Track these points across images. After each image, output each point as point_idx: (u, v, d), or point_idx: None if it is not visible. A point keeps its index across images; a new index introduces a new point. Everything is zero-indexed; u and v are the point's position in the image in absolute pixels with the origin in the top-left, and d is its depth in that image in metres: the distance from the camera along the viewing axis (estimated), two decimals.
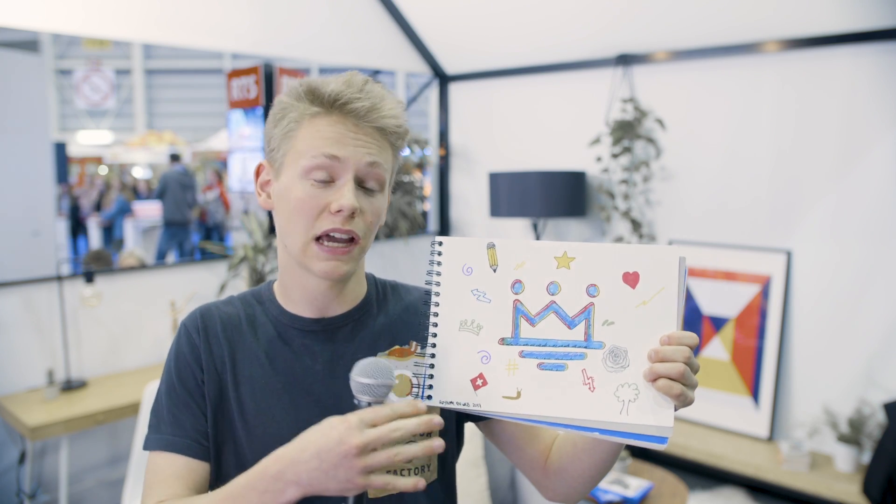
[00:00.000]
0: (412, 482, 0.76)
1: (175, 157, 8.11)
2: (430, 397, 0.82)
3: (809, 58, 2.79)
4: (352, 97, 0.87)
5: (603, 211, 3.35)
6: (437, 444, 0.76)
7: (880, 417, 2.62)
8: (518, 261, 0.83)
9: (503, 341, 0.82)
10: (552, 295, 0.82)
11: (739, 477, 2.85)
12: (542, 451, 0.99)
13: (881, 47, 2.61)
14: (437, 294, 0.84)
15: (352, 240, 0.89)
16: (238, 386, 0.94)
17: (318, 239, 0.88)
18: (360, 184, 0.89)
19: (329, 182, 0.88)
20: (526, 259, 0.83)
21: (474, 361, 0.82)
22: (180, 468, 0.91)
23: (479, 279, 0.84)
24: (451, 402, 0.82)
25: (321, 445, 0.74)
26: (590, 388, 0.79)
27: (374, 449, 0.73)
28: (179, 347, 0.96)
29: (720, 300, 3.05)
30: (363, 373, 0.78)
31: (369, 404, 0.78)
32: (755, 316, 2.95)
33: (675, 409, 0.76)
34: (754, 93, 2.95)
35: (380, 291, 1.03)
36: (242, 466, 0.88)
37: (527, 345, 0.82)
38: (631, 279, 0.80)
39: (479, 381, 0.82)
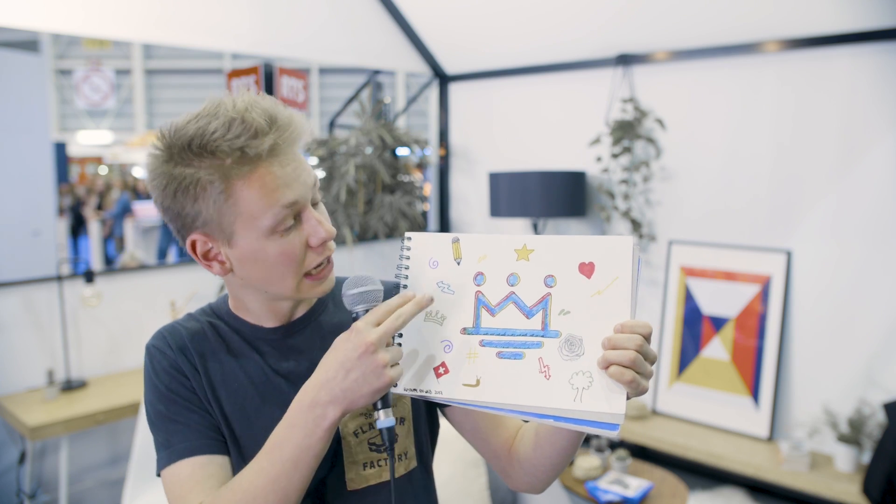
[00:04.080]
0: (419, 302, 0.84)
1: None
2: (395, 385, 0.86)
3: (809, 58, 2.79)
4: (277, 142, 0.84)
5: (603, 211, 3.35)
6: (427, 299, 0.85)
7: (880, 417, 2.62)
8: (480, 254, 0.86)
9: (465, 331, 0.85)
10: (512, 286, 0.85)
11: (739, 477, 2.85)
12: (506, 440, 1.00)
13: (881, 47, 2.61)
14: (405, 287, 0.88)
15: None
16: (215, 391, 0.94)
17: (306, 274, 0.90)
18: (312, 203, 0.90)
19: (294, 223, 0.87)
20: (488, 252, 0.86)
21: (437, 350, 0.85)
22: (207, 467, 0.88)
23: (444, 272, 0.87)
24: (415, 390, 0.85)
25: (342, 358, 0.80)
26: (545, 376, 0.81)
27: (388, 344, 0.81)
28: (156, 367, 0.94)
29: (720, 300, 3.05)
30: (352, 285, 0.85)
31: (366, 311, 0.84)
32: (755, 316, 2.95)
33: (628, 397, 0.78)
34: (754, 93, 2.95)
35: (335, 288, 1.04)
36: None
37: (487, 334, 0.84)
38: (587, 269, 0.82)
39: (442, 370, 0.85)
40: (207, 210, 0.85)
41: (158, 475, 0.91)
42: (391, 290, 1.03)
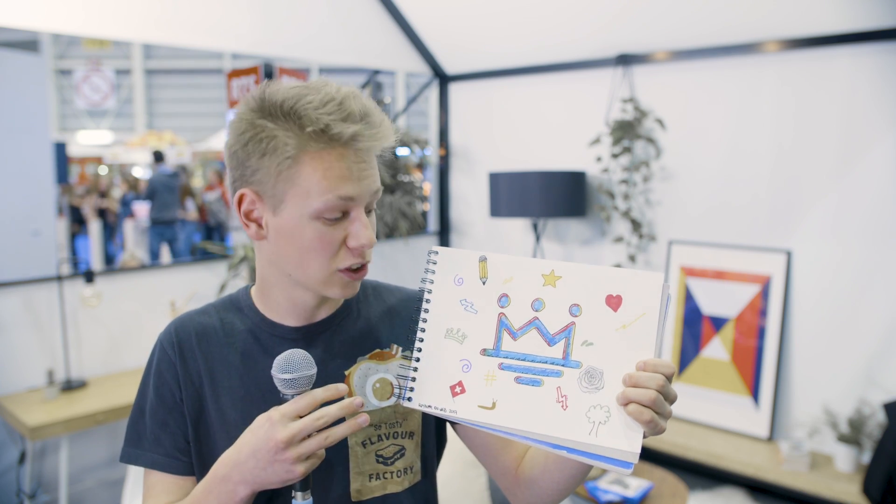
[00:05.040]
0: (333, 436, 0.79)
1: (159, 157, 8.08)
2: (410, 399, 0.85)
3: (809, 58, 2.79)
4: (362, 133, 0.83)
5: (603, 211, 3.35)
6: (362, 419, 0.81)
7: (880, 417, 2.62)
8: (507, 275, 0.85)
9: (485, 352, 0.84)
10: (536, 311, 0.83)
11: (739, 477, 2.85)
12: (514, 459, 0.99)
13: (881, 47, 2.61)
14: (428, 301, 0.87)
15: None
16: (218, 398, 0.93)
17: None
18: (366, 209, 0.89)
19: (341, 217, 0.86)
20: (514, 274, 0.85)
21: (455, 369, 0.84)
22: (170, 485, 0.94)
23: (469, 290, 0.86)
24: (430, 406, 0.84)
25: (253, 445, 0.79)
26: (562, 407, 0.80)
27: (303, 439, 0.78)
28: (158, 365, 0.96)
29: (720, 300, 3.05)
30: (281, 368, 0.81)
31: (293, 396, 0.81)
32: (755, 316, 2.95)
33: (645, 436, 0.77)
34: (754, 93, 2.95)
35: (360, 293, 1.02)
36: None
37: (507, 358, 0.83)
38: (614, 302, 0.81)
39: (458, 389, 0.84)
40: (269, 169, 0.84)
41: (121, 460, 0.96)
42: (413, 297, 1.03)
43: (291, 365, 0.81)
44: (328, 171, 0.83)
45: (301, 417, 0.79)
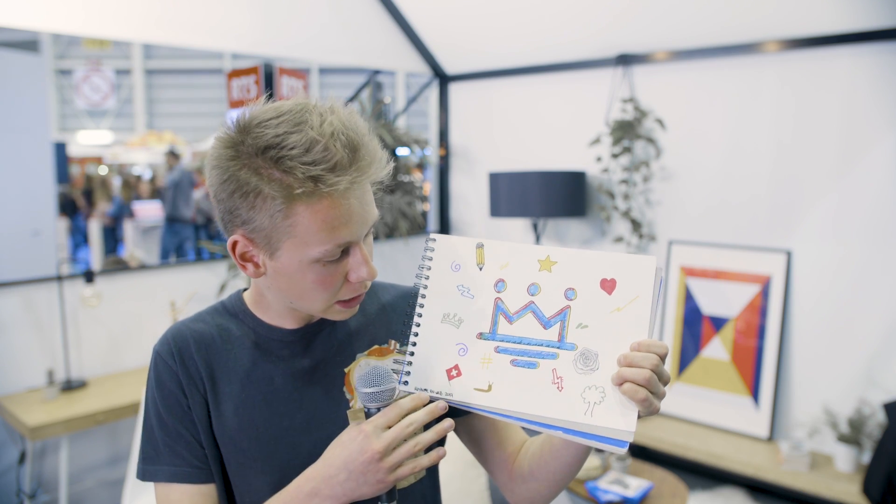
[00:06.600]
0: (434, 455, 0.83)
1: (175, 155, 8.08)
2: (406, 383, 0.86)
3: (809, 58, 2.79)
4: (354, 181, 0.80)
5: (603, 211, 3.35)
6: (448, 424, 0.83)
7: (880, 417, 2.62)
8: (503, 261, 0.87)
9: (481, 336, 0.86)
10: (532, 295, 0.85)
11: (739, 477, 2.85)
12: (510, 454, 1.00)
13: (881, 47, 2.61)
14: (426, 287, 0.88)
15: None
16: (219, 405, 0.93)
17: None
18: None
19: (341, 255, 0.85)
20: (510, 260, 0.87)
21: (452, 353, 0.86)
22: (195, 496, 0.92)
23: (466, 276, 0.88)
24: (426, 390, 0.86)
25: (345, 458, 0.80)
26: (558, 388, 0.81)
27: (395, 447, 0.80)
28: (159, 376, 0.94)
29: (720, 300, 3.05)
30: (366, 383, 0.83)
31: (378, 409, 0.83)
32: (755, 316, 2.95)
33: (640, 416, 0.78)
34: (754, 93, 2.95)
35: None
36: (244, 482, 0.91)
37: (503, 341, 0.85)
38: (608, 286, 0.83)
39: (454, 372, 0.85)
40: (261, 220, 0.81)
41: (139, 478, 0.94)
42: (408, 293, 1.03)
43: (376, 379, 0.82)
44: (324, 221, 0.80)
45: (390, 428, 0.80)
